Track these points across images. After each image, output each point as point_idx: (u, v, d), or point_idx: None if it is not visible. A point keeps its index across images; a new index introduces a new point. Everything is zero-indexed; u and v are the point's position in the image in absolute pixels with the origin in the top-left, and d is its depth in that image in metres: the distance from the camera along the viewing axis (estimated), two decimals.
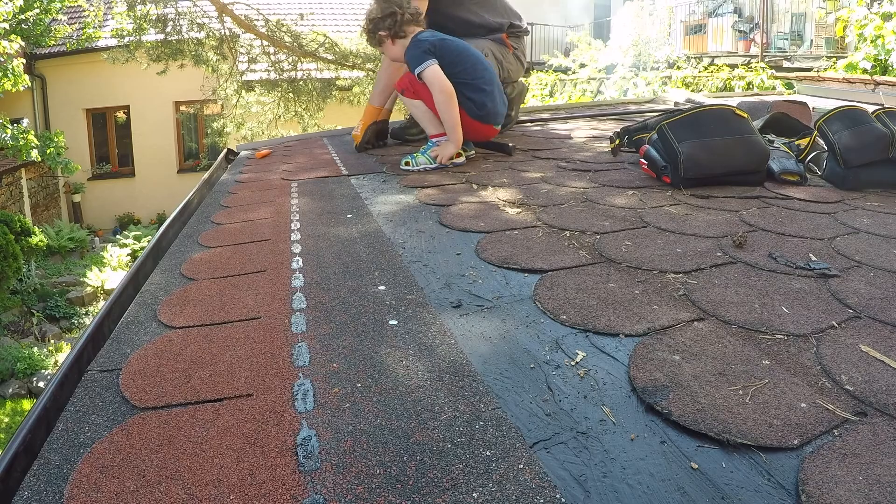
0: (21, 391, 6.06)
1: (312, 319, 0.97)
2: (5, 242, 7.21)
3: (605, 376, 0.78)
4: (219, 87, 8.52)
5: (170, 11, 8.06)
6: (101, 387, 0.79)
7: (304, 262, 1.24)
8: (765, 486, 0.58)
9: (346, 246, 1.34)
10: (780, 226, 1.39)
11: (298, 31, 8.35)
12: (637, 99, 5.30)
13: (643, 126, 2.25)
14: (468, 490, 0.58)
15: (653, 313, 0.94)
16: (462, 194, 1.78)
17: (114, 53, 8.35)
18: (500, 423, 0.68)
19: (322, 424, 0.69)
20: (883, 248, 1.23)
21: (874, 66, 5.55)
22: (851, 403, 0.70)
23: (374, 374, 0.79)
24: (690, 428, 0.66)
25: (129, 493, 0.59)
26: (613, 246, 1.26)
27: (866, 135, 1.70)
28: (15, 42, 7.23)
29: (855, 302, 0.97)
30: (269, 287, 1.11)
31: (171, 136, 12.72)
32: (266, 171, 2.47)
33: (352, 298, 1.05)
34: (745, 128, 1.74)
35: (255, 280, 1.15)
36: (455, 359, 0.82)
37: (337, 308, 1.01)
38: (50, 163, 8.60)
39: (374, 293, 1.07)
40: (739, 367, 0.78)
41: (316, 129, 8.12)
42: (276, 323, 0.96)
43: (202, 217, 1.72)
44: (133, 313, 1.03)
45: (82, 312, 7.94)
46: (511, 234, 1.36)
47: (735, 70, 8.22)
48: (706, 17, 11.50)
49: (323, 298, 1.05)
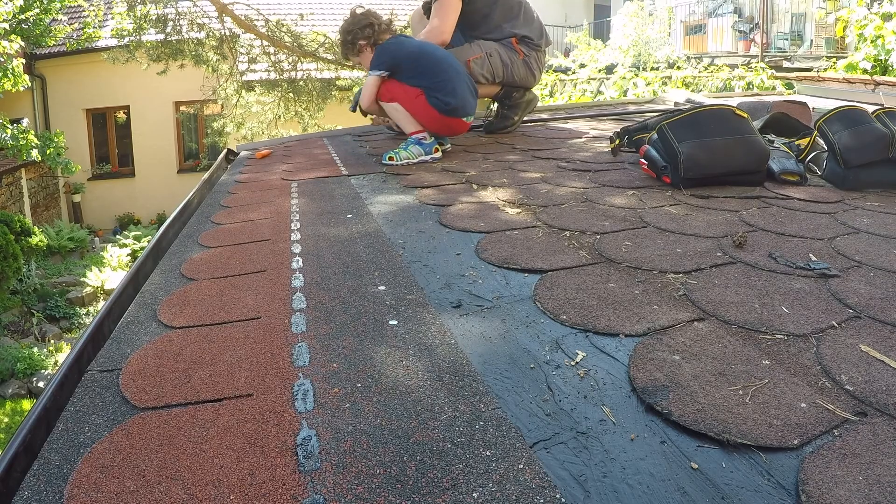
0: (21, 391, 6.06)
1: (312, 319, 0.97)
2: (5, 242, 7.21)
3: (605, 376, 0.78)
4: (219, 87, 8.53)
5: (170, 11, 8.06)
6: (101, 387, 0.79)
7: (304, 262, 1.24)
8: (765, 486, 0.58)
9: (346, 246, 1.34)
10: (780, 226, 1.39)
11: (298, 31, 8.35)
12: (637, 99, 5.30)
13: (643, 126, 2.25)
14: (468, 490, 0.58)
15: (653, 313, 0.94)
16: (462, 194, 1.78)
17: (114, 53, 8.35)
18: (500, 423, 0.68)
19: (322, 424, 0.69)
20: (883, 248, 1.23)
21: (874, 67, 5.55)
22: (851, 403, 0.70)
23: (374, 374, 0.79)
24: (690, 428, 0.66)
25: (129, 493, 0.59)
26: (613, 246, 1.26)
27: (866, 135, 1.70)
28: (15, 42, 7.23)
29: (855, 302, 0.97)
30: (269, 287, 1.11)
31: (171, 137, 12.72)
32: (266, 171, 2.47)
33: (352, 298, 1.05)
34: (745, 128, 1.74)
35: (255, 280, 1.15)
36: (455, 359, 0.82)
37: (337, 308, 1.01)
38: (50, 163, 8.60)
39: (374, 293, 1.07)
40: (739, 367, 0.78)
41: (316, 129, 8.12)
42: (276, 323, 0.96)
43: (202, 217, 1.72)
44: (133, 313, 1.03)
45: (82, 312, 7.94)
46: (511, 235, 1.36)
47: (735, 70, 8.22)
48: (706, 18, 11.50)
49: (323, 298, 1.05)
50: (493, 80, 2.93)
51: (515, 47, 2.91)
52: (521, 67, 2.94)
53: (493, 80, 2.92)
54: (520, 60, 2.92)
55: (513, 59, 2.91)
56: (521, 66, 2.93)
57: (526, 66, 2.95)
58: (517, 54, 2.91)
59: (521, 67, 2.94)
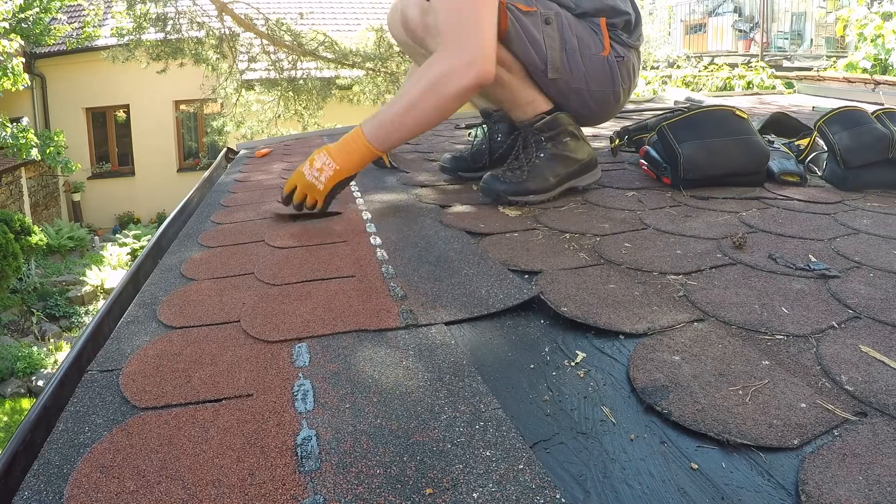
0: (21, 390, 6.06)
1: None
2: (5, 241, 7.20)
3: (605, 377, 0.78)
4: (219, 86, 8.53)
5: (169, 10, 8.06)
6: (101, 387, 0.79)
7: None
8: (765, 486, 0.58)
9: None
10: (779, 227, 1.39)
11: (298, 30, 8.35)
12: (636, 98, 5.30)
13: (643, 126, 2.25)
14: (468, 490, 0.58)
15: (653, 314, 0.94)
16: (462, 194, 1.78)
17: (113, 52, 8.35)
18: (500, 423, 0.68)
19: (322, 424, 0.69)
20: (883, 248, 1.23)
21: (874, 66, 5.56)
22: (851, 403, 0.70)
23: (374, 374, 0.79)
24: (690, 428, 0.67)
25: (129, 493, 0.59)
26: (613, 248, 1.26)
27: (866, 135, 1.70)
28: (14, 41, 7.23)
29: (855, 302, 0.97)
30: (267, 287, 1.11)
31: (171, 135, 12.72)
32: (266, 170, 2.47)
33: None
34: (745, 128, 1.74)
35: (255, 280, 1.15)
36: (455, 359, 0.82)
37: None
38: (50, 162, 8.60)
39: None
40: (739, 367, 0.78)
41: (316, 127, 8.12)
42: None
43: (202, 217, 1.72)
44: (133, 313, 1.03)
45: (82, 311, 7.94)
46: (511, 237, 1.36)
47: (735, 69, 8.22)
48: (706, 17, 11.51)
49: None
50: (535, 68, 1.53)
51: (603, 32, 1.57)
52: (601, 72, 1.58)
53: (536, 67, 1.53)
54: (601, 58, 1.57)
55: (590, 49, 1.56)
56: (600, 68, 1.58)
57: (609, 73, 1.59)
58: (601, 46, 1.57)
59: (599, 71, 1.58)
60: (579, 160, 1.62)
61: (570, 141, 1.59)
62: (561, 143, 1.58)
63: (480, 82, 1.37)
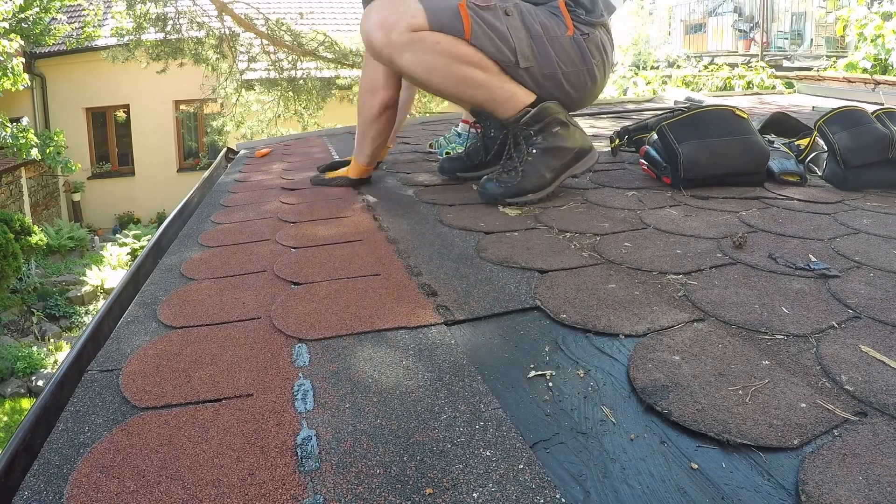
0: (21, 390, 6.06)
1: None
2: (5, 241, 7.21)
3: (605, 376, 0.78)
4: (218, 86, 8.53)
5: (169, 10, 8.06)
6: (101, 387, 0.79)
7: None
8: (765, 487, 0.58)
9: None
10: (779, 226, 1.39)
11: (298, 30, 8.36)
12: (636, 98, 5.30)
13: (643, 126, 2.25)
14: (468, 490, 0.58)
15: (653, 314, 0.94)
16: (462, 194, 1.78)
17: (113, 52, 8.36)
18: (500, 423, 0.68)
19: (322, 424, 0.69)
20: (883, 248, 1.23)
21: (874, 66, 5.56)
22: (851, 403, 0.70)
23: (374, 374, 0.79)
24: (690, 428, 0.66)
25: (129, 493, 0.59)
26: (613, 247, 1.26)
27: (866, 135, 1.70)
28: (14, 41, 7.23)
29: (855, 302, 0.97)
30: (270, 287, 1.11)
31: (171, 135, 12.72)
32: (266, 170, 2.47)
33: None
34: (745, 128, 1.74)
35: (256, 280, 1.15)
36: (455, 359, 0.82)
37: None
38: (50, 162, 8.60)
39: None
40: (739, 367, 0.78)
41: (316, 127, 8.12)
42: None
43: (202, 216, 1.72)
44: (133, 313, 1.03)
45: (82, 311, 7.94)
46: (511, 236, 1.36)
47: (735, 69, 8.22)
48: (706, 17, 11.51)
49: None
50: (506, 62, 1.52)
51: (563, 12, 1.56)
52: (569, 52, 1.56)
53: (508, 60, 1.52)
54: (567, 38, 1.55)
55: (554, 31, 1.55)
56: (568, 49, 1.55)
57: (578, 52, 1.57)
58: (565, 27, 1.55)
59: (568, 52, 1.56)
60: (572, 149, 1.59)
61: (560, 130, 1.57)
62: (551, 135, 1.56)
63: (373, 53, 1.61)
